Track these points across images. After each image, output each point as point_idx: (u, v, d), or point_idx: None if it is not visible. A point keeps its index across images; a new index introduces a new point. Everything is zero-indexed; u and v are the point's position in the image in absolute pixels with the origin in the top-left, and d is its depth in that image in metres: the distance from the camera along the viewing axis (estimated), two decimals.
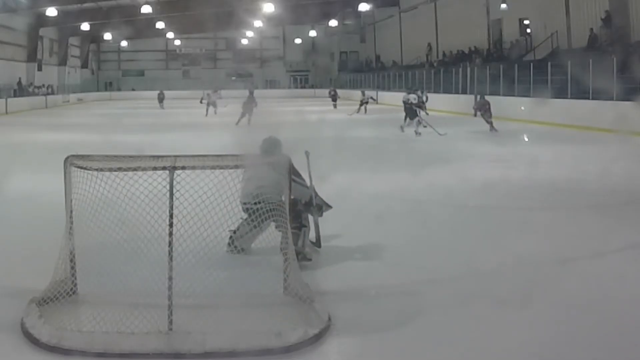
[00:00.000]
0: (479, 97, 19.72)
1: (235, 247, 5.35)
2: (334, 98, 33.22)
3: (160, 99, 35.08)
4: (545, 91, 18.84)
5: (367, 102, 27.81)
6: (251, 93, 28.75)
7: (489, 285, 4.82)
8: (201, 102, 27.35)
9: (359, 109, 27.35)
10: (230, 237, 5.32)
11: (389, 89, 38.10)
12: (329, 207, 5.65)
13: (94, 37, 48.92)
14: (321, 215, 5.61)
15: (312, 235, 5.65)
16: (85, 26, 40.20)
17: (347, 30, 51.89)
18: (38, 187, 8.71)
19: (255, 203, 4.83)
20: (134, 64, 56.95)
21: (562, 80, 19.41)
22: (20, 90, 35.47)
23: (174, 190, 4.00)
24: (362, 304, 4.45)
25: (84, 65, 51.78)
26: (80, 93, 46.94)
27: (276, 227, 4.76)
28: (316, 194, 5.55)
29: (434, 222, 7.05)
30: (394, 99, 35.69)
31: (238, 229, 5.31)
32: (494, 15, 31.92)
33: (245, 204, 5.11)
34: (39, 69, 39.85)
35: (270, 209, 4.65)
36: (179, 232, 4.17)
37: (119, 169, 4.17)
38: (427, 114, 21.45)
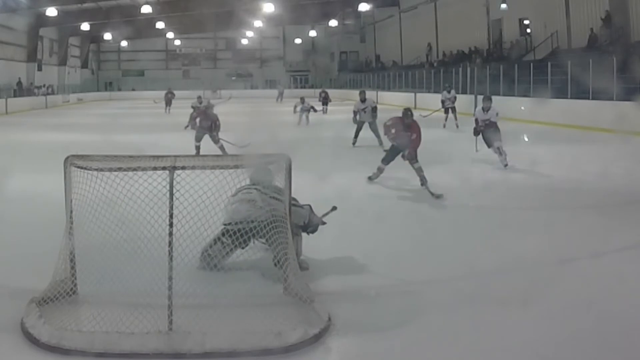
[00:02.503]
0: (483, 103, 11.23)
1: (209, 264, 4.86)
2: (325, 101, 27.82)
3: (168, 100, 29.54)
4: (545, 91, 18.83)
5: (307, 111, 21.84)
6: (280, 94, 26.18)
7: (489, 285, 4.82)
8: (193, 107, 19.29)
9: (299, 119, 21.64)
10: (203, 254, 4.91)
11: (389, 89, 38.11)
12: (324, 223, 5.51)
13: (94, 37, 48.91)
14: (314, 231, 5.45)
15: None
16: (85, 26, 40.19)
17: (347, 30, 51.86)
18: (38, 187, 8.72)
19: (238, 223, 4.74)
20: (134, 64, 56.95)
21: (562, 80, 19.41)
22: (20, 90, 35.47)
23: (174, 190, 4.00)
24: (362, 304, 4.45)
25: (84, 65, 51.78)
26: (80, 93, 46.93)
27: (267, 242, 4.66)
28: (313, 213, 5.42)
29: (434, 222, 7.05)
30: (394, 99, 35.78)
31: (211, 247, 4.95)
32: (494, 15, 31.92)
33: (234, 224, 4.82)
34: (39, 69, 39.85)
35: (254, 227, 4.63)
36: (179, 232, 4.17)
37: (119, 169, 4.18)
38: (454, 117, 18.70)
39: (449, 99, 19.19)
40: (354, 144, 14.22)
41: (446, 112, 19.14)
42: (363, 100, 14.38)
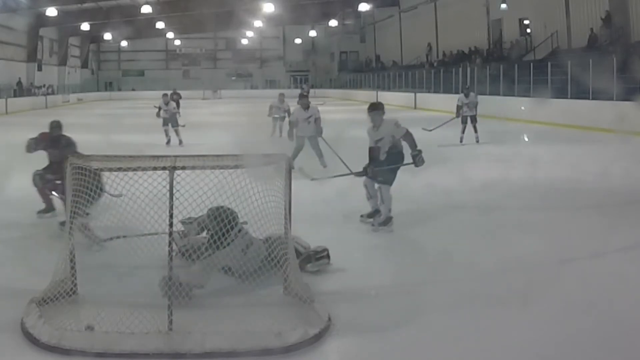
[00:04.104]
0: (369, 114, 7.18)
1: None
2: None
3: (175, 101, 22.69)
4: (545, 91, 18.82)
5: (282, 118, 16.24)
6: (306, 94, 23.33)
7: (489, 285, 4.82)
8: (158, 115, 15.31)
9: (273, 129, 16.38)
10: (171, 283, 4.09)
11: (389, 89, 38.13)
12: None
13: (94, 37, 48.94)
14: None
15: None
16: (85, 26, 40.22)
17: (347, 30, 51.90)
18: None
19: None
20: (134, 64, 56.96)
21: (562, 80, 19.40)
22: (20, 90, 35.47)
23: (174, 190, 4.01)
24: (362, 304, 4.45)
25: (84, 65, 51.80)
26: (80, 93, 46.92)
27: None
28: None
29: (434, 222, 7.05)
30: (394, 99, 35.75)
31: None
32: (494, 15, 31.92)
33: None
34: (39, 69, 39.86)
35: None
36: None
37: (119, 169, 4.18)
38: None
39: (468, 104, 14.35)
40: (292, 167, 10.17)
41: (464, 121, 14.36)
42: (306, 107, 10.28)
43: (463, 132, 14.32)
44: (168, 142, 14.94)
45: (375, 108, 6.89)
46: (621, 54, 18.26)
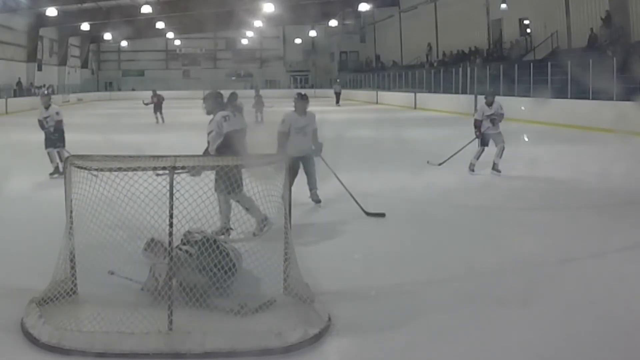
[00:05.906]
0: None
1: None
2: (260, 108, 20.29)
3: (158, 104, 22.68)
4: (545, 91, 18.84)
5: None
6: (337, 95, 20.71)
7: (489, 285, 4.82)
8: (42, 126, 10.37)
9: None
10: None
11: (389, 89, 38.14)
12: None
13: (94, 37, 48.94)
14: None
15: None
16: (85, 26, 40.23)
17: (347, 30, 51.88)
18: (38, 187, 8.72)
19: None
20: (134, 64, 56.97)
21: (562, 80, 19.41)
22: (20, 90, 35.47)
23: (174, 190, 4.00)
24: (362, 304, 4.45)
25: (84, 65, 51.80)
26: (80, 93, 46.93)
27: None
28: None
29: (434, 222, 7.05)
30: (394, 99, 35.78)
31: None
32: (494, 15, 31.93)
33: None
34: (39, 69, 39.87)
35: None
36: (179, 232, 4.17)
37: (119, 169, 4.18)
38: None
39: (491, 116, 9.97)
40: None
41: (484, 142, 10.01)
42: (302, 111, 7.35)
43: (478, 157, 9.97)
44: (54, 171, 9.73)
45: (210, 96, 6.16)
46: (621, 54, 18.27)
